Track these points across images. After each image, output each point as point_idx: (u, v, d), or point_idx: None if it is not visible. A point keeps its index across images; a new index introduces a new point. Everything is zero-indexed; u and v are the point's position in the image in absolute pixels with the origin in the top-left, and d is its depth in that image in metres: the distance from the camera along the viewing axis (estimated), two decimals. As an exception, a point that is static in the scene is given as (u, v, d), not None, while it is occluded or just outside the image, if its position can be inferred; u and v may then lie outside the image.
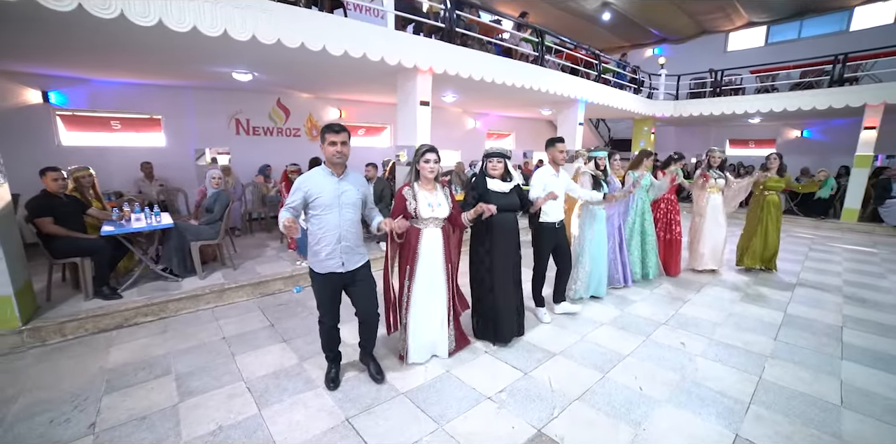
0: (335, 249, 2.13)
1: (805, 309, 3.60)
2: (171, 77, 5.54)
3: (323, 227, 2.12)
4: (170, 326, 3.20)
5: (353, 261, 2.21)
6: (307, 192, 2.09)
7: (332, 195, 2.11)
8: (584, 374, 2.51)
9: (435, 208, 2.41)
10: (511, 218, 2.78)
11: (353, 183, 2.20)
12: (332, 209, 2.11)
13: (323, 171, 2.16)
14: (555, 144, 3.08)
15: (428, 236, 2.46)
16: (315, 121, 7.78)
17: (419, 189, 2.41)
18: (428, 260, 2.47)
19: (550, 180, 3.06)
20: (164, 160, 6.21)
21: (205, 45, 3.70)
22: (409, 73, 4.74)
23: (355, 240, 2.21)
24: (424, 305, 2.52)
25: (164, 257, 3.90)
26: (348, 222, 2.17)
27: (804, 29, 10.56)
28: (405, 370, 2.53)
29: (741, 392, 2.31)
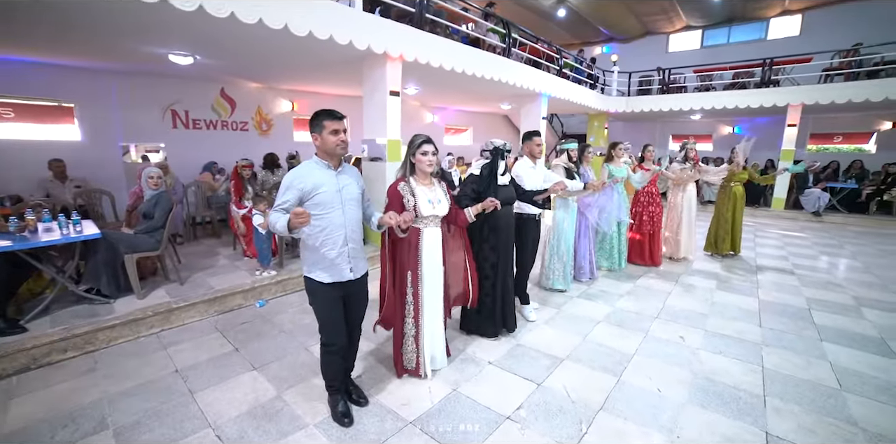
0: (342, 252, 1.89)
1: (774, 294, 3.82)
2: (89, 57, 4.62)
3: (326, 228, 1.85)
4: (101, 361, 2.58)
5: (360, 266, 2.00)
6: (304, 189, 1.80)
7: (333, 191, 1.85)
8: (598, 379, 2.40)
9: (436, 205, 2.18)
10: (510, 211, 2.78)
11: (352, 176, 1.97)
12: (334, 207, 1.86)
13: (317, 164, 1.87)
14: (532, 137, 3.08)
15: (429, 237, 2.23)
16: (265, 114, 7.04)
17: (416, 184, 2.17)
18: (431, 262, 2.25)
19: (529, 172, 3.06)
20: (81, 157, 5.23)
21: (138, 15, 3.05)
22: (378, 59, 4.36)
23: (360, 241, 1.99)
24: (432, 311, 2.31)
25: (88, 274, 3.18)
26: (353, 221, 1.94)
27: (732, 35, 11.56)
28: (404, 391, 2.25)
29: (752, 385, 2.32)
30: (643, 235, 4.52)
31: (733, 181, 4.84)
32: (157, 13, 2.94)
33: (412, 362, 2.32)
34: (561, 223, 3.62)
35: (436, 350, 2.40)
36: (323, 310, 1.92)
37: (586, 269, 4.03)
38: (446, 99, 8.99)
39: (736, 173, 4.76)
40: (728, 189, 4.88)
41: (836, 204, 8.29)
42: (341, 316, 1.96)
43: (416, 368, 2.33)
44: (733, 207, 4.85)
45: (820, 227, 7.55)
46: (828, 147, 10.58)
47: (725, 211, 4.87)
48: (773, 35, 11.01)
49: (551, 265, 3.69)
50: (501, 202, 2.43)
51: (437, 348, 2.40)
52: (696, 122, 11.61)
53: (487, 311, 2.79)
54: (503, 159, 2.63)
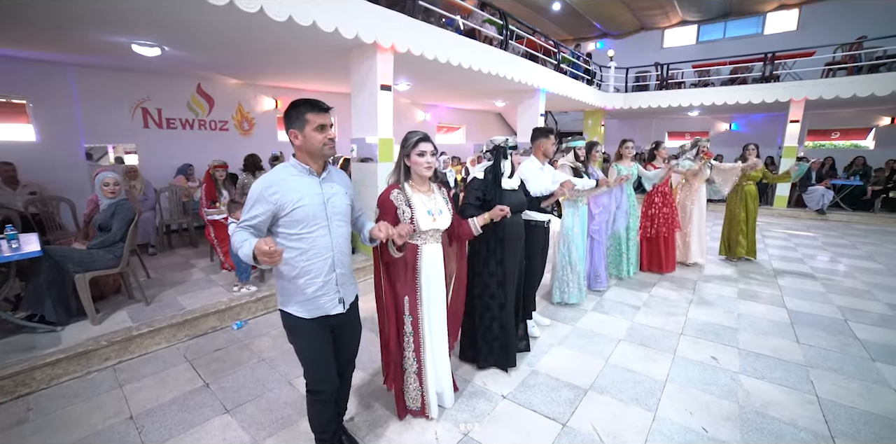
0: (328, 280, 1.50)
1: (801, 303, 3.53)
2: (41, 48, 4.12)
3: (309, 251, 1.45)
4: (36, 408, 2.13)
5: (350, 295, 1.62)
6: (278, 202, 1.39)
7: (316, 203, 1.44)
8: (630, 415, 2.05)
9: (436, 217, 1.82)
10: (520, 220, 2.40)
11: (338, 183, 1.55)
12: (318, 224, 1.45)
13: (295, 169, 1.46)
14: (547, 135, 2.80)
15: (429, 255, 1.86)
16: (246, 112, 6.57)
17: (413, 192, 1.80)
18: (432, 285, 1.88)
19: (536, 175, 2.75)
20: (37, 160, 4.72)
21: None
22: (368, 50, 3.95)
23: (349, 265, 1.61)
24: (435, 342, 1.95)
25: (28, 298, 2.70)
26: (342, 240, 1.54)
27: (728, 30, 11.39)
28: (408, 437, 1.87)
29: (812, 421, 2.00)
30: (657, 239, 4.19)
31: (745, 180, 4.55)
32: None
33: (417, 402, 1.95)
34: (570, 229, 3.27)
35: (443, 386, 2.03)
36: (307, 350, 1.54)
37: (603, 276, 3.72)
38: (439, 96, 8.60)
39: (749, 172, 4.47)
40: (740, 188, 4.58)
41: (840, 202, 8.12)
42: (331, 355, 1.58)
43: (421, 408, 1.96)
44: (745, 207, 4.58)
45: (825, 225, 7.35)
46: (824, 143, 10.47)
47: (739, 212, 4.58)
48: (770, 30, 10.86)
49: (564, 277, 3.34)
50: (513, 210, 2.12)
51: (443, 383, 2.03)
52: (693, 118, 11.42)
53: (492, 337, 2.37)
54: (506, 158, 2.24)
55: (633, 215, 3.96)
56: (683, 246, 4.53)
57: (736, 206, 4.60)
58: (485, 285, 2.31)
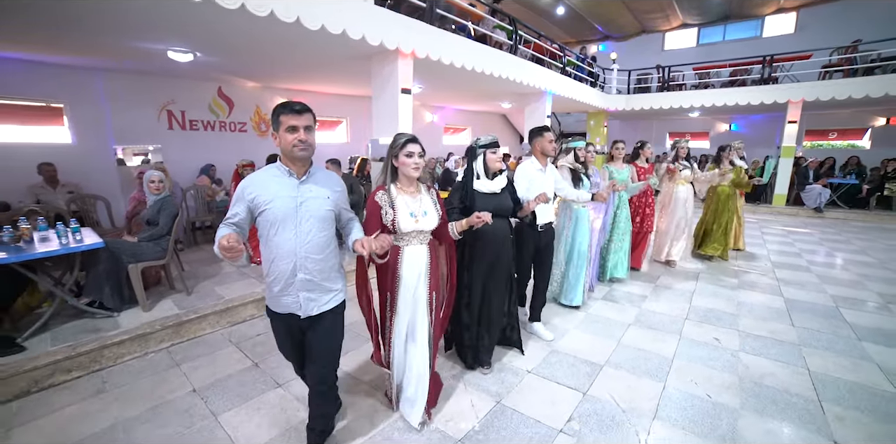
0: (290, 283, 1.51)
1: (796, 292, 3.77)
2: (77, 54, 4.37)
3: (272, 252, 1.49)
4: (109, 381, 2.37)
5: (315, 304, 1.57)
6: (254, 201, 1.47)
7: (287, 206, 1.47)
8: (643, 386, 2.29)
9: (419, 218, 1.81)
10: (503, 225, 2.28)
11: (321, 186, 1.55)
12: (285, 227, 1.47)
13: (277, 170, 1.51)
14: (542, 132, 2.63)
15: (411, 257, 1.85)
16: (263, 114, 6.82)
17: (398, 193, 1.82)
18: (410, 287, 1.86)
19: (536, 176, 2.62)
20: (74, 161, 4.96)
21: (139, 8, 2.86)
22: (389, 56, 4.21)
23: (321, 272, 1.55)
24: (406, 344, 1.94)
25: (89, 286, 2.95)
26: (311, 247, 1.51)
27: (728, 32, 11.66)
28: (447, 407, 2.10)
29: (803, 388, 2.25)
30: (635, 237, 4.19)
31: None
32: (163, 4, 2.75)
33: (392, 396, 2.04)
34: (561, 232, 3.18)
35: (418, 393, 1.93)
36: (277, 340, 1.73)
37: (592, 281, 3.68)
38: (447, 98, 8.86)
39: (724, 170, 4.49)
40: (713, 189, 4.66)
41: (837, 200, 8.37)
42: (295, 350, 1.71)
43: (397, 402, 2.03)
44: (717, 207, 4.61)
45: (822, 222, 7.60)
46: (822, 143, 10.74)
47: (711, 210, 4.67)
48: (769, 33, 11.13)
49: (567, 280, 3.27)
50: (494, 213, 2.05)
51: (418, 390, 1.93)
52: (693, 119, 11.68)
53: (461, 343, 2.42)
54: (476, 159, 2.18)
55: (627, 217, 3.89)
56: (658, 244, 4.61)
57: (708, 206, 4.70)
58: (469, 287, 2.30)
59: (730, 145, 4.60)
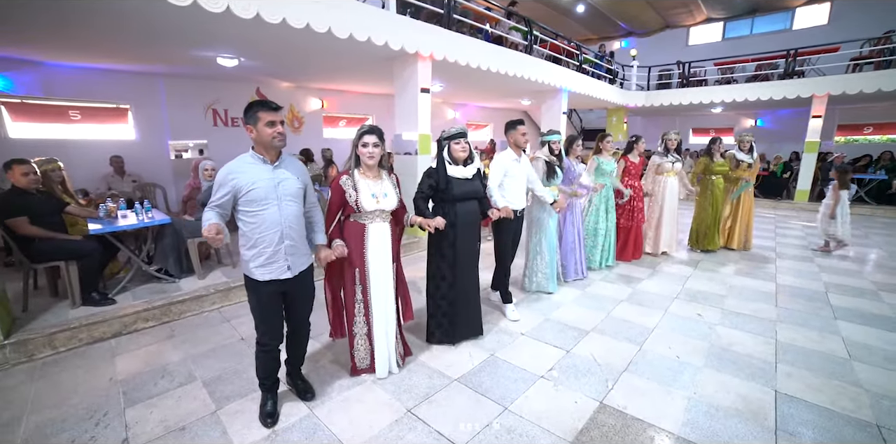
0: (278, 250, 1.81)
1: (791, 279, 3.96)
2: (142, 62, 5.07)
3: (260, 225, 1.78)
4: (176, 330, 2.97)
5: (299, 263, 1.91)
6: (235, 185, 1.74)
7: (268, 186, 1.77)
8: (621, 347, 2.63)
9: (380, 199, 2.09)
10: (474, 208, 2.54)
11: (291, 170, 1.87)
12: (269, 203, 1.77)
13: (252, 158, 1.80)
14: (516, 126, 2.83)
15: (375, 233, 2.14)
16: (297, 112, 7.44)
17: (360, 177, 2.09)
18: (378, 260, 2.17)
19: (511, 166, 2.85)
20: (137, 154, 5.70)
21: (200, 24, 3.42)
22: (409, 59, 4.64)
23: (300, 238, 1.91)
24: (381, 310, 2.23)
25: (158, 256, 3.60)
26: (291, 217, 1.84)
27: (755, 26, 11.40)
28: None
29: (766, 353, 2.53)
30: (629, 230, 4.38)
31: (713, 174, 4.63)
32: (219, 21, 3.28)
33: (366, 361, 2.29)
34: (542, 220, 3.36)
35: (390, 350, 2.30)
36: (259, 308, 1.89)
37: (570, 269, 3.80)
38: (468, 96, 9.23)
39: (713, 165, 4.59)
40: (708, 182, 4.66)
41: (864, 196, 8.18)
42: (279, 315, 1.94)
43: (370, 366, 2.30)
44: (714, 200, 4.64)
45: (845, 219, 7.48)
46: (857, 138, 10.37)
47: (707, 205, 4.68)
48: (800, 25, 10.81)
49: (534, 266, 3.45)
50: (462, 198, 2.42)
51: (390, 347, 2.30)
52: (717, 115, 11.52)
53: (442, 314, 2.59)
54: (442, 149, 2.45)
55: (612, 208, 4.08)
56: (655, 237, 4.66)
57: (705, 199, 4.70)
58: (437, 267, 2.54)
59: (719, 139, 4.70)
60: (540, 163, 3.24)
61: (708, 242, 4.80)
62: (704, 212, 4.75)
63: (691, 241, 4.95)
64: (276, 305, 1.92)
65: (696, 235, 4.89)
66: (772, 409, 2.00)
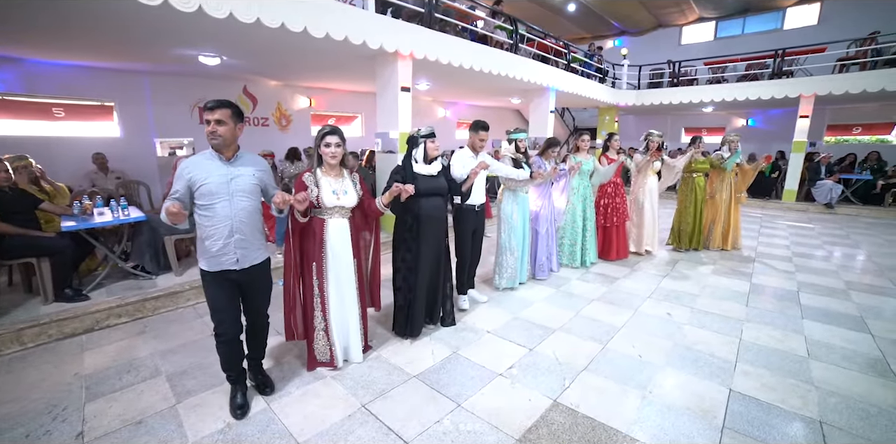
0: (228, 243, 1.87)
1: (766, 278, 3.98)
2: (126, 59, 5.06)
3: (212, 218, 1.84)
4: (149, 326, 2.99)
5: (250, 257, 1.95)
6: (190, 178, 1.81)
7: (220, 181, 1.83)
8: (585, 346, 2.65)
9: (340, 196, 2.18)
10: (439, 203, 2.63)
11: (247, 167, 1.92)
12: (220, 198, 1.83)
13: (210, 154, 1.87)
14: (477, 130, 2.95)
15: (334, 228, 2.21)
16: (284, 110, 7.43)
17: (322, 175, 2.17)
18: (337, 254, 2.23)
19: (469, 163, 2.95)
20: (120, 151, 5.70)
21: (174, 22, 3.42)
22: (389, 58, 4.64)
23: (252, 233, 1.94)
24: (339, 304, 2.30)
25: (134, 253, 3.62)
26: (242, 213, 1.89)
27: (747, 25, 11.40)
28: (411, 352, 2.53)
29: (727, 352, 2.55)
30: (611, 228, 4.37)
31: (695, 172, 4.66)
32: (193, 20, 3.28)
33: (325, 355, 2.33)
34: (509, 217, 3.40)
35: (350, 342, 2.38)
36: (211, 298, 1.94)
37: (545, 266, 3.84)
38: (458, 94, 9.22)
39: (696, 162, 4.61)
40: (690, 180, 4.70)
41: (850, 196, 8.21)
42: (232, 305, 1.97)
43: (330, 360, 2.34)
44: (695, 199, 4.67)
45: (831, 218, 7.52)
46: (847, 138, 10.39)
47: (688, 203, 4.71)
48: (790, 25, 10.83)
49: (503, 262, 3.51)
50: (427, 193, 2.50)
51: (351, 340, 2.38)
52: (709, 114, 11.53)
53: (404, 306, 2.66)
54: (417, 146, 2.55)
55: (589, 205, 4.10)
56: (637, 236, 4.69)
57: (686, 198, 4.72)
58: (402, 259, 2.62)
59: (700, 138, 4.71)
60: (506, 160, 3.31)
61: (689, 240, 4.83)
62: (685, 210, 4.77)
63: (672, 239, 4.97)
64: (229, 295, 1.96)
65: (676, 233, 4.92)
66: (723, 407, 2.02)
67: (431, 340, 2.71)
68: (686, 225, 4.79)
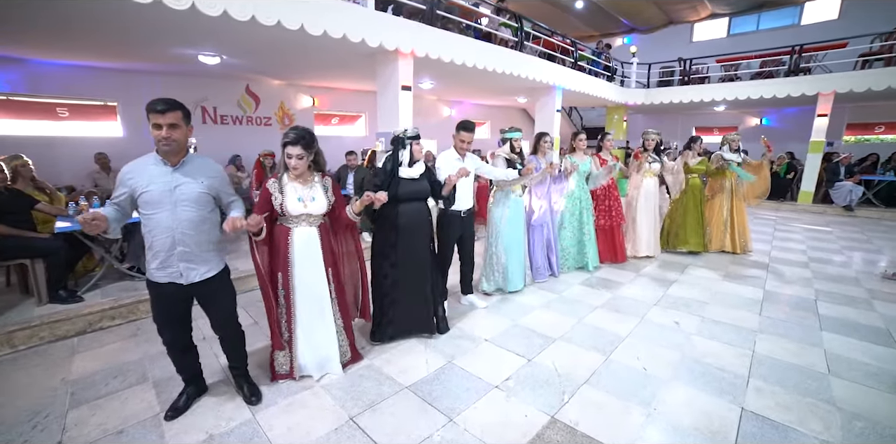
0: (170, 255, 1.73)
1: (781, 285, 3.79)
2: (128, 59, 5.05)
3: (152, 229, 1.71)
4: (141, 328, 2.94)
5: (196, 272, 1.80)
6: (132, 186, 1.68)
7: (162, 189, 1.68)
8: (587, 357, 2.51)
9: (307, 203, 2.03)
10: (421, 208, 2.52)
11: (194, 174, 1.76)
12: (162, 207, 1.69)
13: (154, 159, 1.73)
14: (458, 131, 2.80)
15: (300, 237, 2.06)
16: (287, 109, 7.39)
17: (288, 181, 2.02)
18: (304, 265, 2.08)
19: (455, 165, 2.79)
20: (123, 151, 5.68)
21: (169, 21, 3.37)
22: (390, 56, 4.54)
23: (198, 245, 1.78)
24: (310, 316, 2.17)
25: (130, 254, 3.59)
26: (186, 224, 1.73)
27: (762, 21, 11.06)
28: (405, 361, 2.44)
29: (739, 367, 2.39)
30: (607, 230, 4.22)
31: (690, 173, 4.52)
32: (188, 18, 3.22)
33: (286, 367, 2.23)
34: (498, 221, 3.28)
35: (322, 355, 2.23)
36: (154, 309, 1.86)
37: (543, 268, 3.73)
38: (462, 93, 9.10)
39: (690, 165, 4.47)
40: (685, 181, 4.52)
41: (872, 198, 7.89)
42: (176, 320, 1.90)
43: (290, 372, 2.23)
44: (687, 200, 4.51)
45: (850, 221, 7.23)
46: (868, 138, 10.01)
47: (679, 204, 4.58)
48: (809, 20, 10.46)
49: (490, 266, 3.39)
50: (407, 197, 2.39)
51: (323, 352, 2.23)
52: (721, 113, 11.23)
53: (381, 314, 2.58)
54: (404, 148, 2.42)
55: (587, 208, 3.94)
56: (634, 239, 4.52)
57: (678, 199, 4.58)
58: (380, 266, 2.53)
59: (699, 138, 4.55)
60: (499, 160, 3.18)
61: (679, 242, 4.67)
62: (676, 211, 4.65)
63: (661, 241, 4.74)
64: (171, 308, 1.86)
65: (666, 234, 4.77)
66: (734, 428, 1.88)
67: (427, 348, 2.60)
68: (676, 226, 4.65)
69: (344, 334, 2.31)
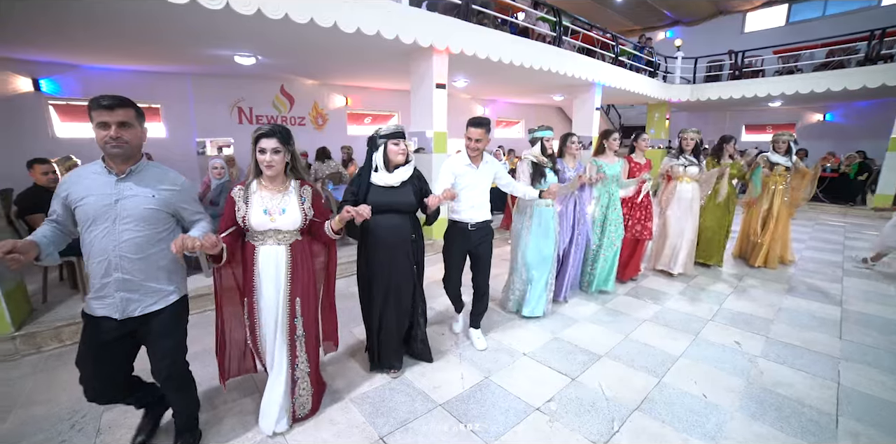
0: (105, 283, 1.42)
1: (861, 302, 3.34)
2: (169, 62, 5.22)
3: (88, 250, 1.41)
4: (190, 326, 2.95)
5: (139, 304, 1.47)
6: (68, 199, 1.40)
7: (100, 203, 1.38)
8: (636, 378, 2.27)
9: (275, 216, 1.66)
10: (397, 222, 2.06)
11: (144, 184, 1.44)
12: (98, 224, 1.39)
13: (98, 167, 1.43)
14: (468, 126, 2.27)
15: (267, 256, 1.70)
16: (321, 109, 7.45)
17: (257, 189, 1.69)
18: (272, 289, 1.72)
19: (464, 172, 2.32)
20: (166, 151, 5.92)
21: (205, 22, 3.39)
22: (424, 53, 4.41)
23: (142, 272, 1.45)
24: (272, 353, 1.80)
25: None
26: (127, 245, 1.41)
27: (829, 6, 10.07)
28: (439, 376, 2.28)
29: (822, 401, 2.06)
30: (633, 242, 3.65)
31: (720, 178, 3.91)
32: (223, 18, 3.22)
33: None
34: (519, 230, 2.85)
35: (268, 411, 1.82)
36: (80, 347, 1.50)
37: (564, 288, 3.23)
38: (497, 91, 8.87)
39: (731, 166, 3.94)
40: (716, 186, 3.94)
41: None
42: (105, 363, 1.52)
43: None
44: (715, 208, 3.97)
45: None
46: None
47: (707, 214, 4.00)
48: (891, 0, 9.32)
49: (511, 285, 3.01)
50: (387, 209, 1.99)
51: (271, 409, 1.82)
52: (775, 110, 10.35)
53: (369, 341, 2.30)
54: (376, 150, 2.02)
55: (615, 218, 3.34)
56: (656, 250, 4.01)
57: (704, 207, 3.95)
58: (360, 288, 2.22)
59: (733, 137, 4.01)
60: (524, 165, 2.74)
61: (708, 255, 4.11)
62: (704, 224, 3.99)
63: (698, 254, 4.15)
64: (102, 352, 1.49)
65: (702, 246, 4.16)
66: (825, 479, 1.60)
67: (461, 361, 2.44)
68: (705, 238, 4.04)
69: (308, 381, 1.88)
